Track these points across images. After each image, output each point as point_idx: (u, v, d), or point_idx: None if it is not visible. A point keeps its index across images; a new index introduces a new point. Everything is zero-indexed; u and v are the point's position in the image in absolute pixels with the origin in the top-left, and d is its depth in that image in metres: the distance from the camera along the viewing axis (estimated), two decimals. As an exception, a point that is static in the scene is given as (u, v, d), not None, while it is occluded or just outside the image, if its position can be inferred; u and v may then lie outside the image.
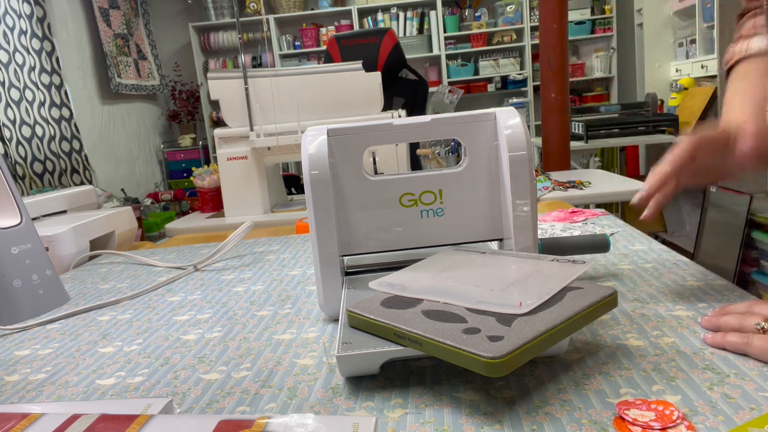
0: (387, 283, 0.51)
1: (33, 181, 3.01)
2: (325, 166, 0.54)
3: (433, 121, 0.56)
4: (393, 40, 2.16)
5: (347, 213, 0.57)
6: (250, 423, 0.32)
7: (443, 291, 0.48)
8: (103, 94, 3.97)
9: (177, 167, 4.68)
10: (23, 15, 3.11)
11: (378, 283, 0.51)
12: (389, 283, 0.51)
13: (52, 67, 3.29)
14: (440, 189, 0.56)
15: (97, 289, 0.81)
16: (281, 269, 0.82)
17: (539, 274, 0.48)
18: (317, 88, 1.47)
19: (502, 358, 0.36)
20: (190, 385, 0.47)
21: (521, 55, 4.76)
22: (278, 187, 1.66)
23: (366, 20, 4.71)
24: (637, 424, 0.35)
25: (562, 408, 0.38)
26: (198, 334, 0.59)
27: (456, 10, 4.69)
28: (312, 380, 0.46)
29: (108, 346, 0.58)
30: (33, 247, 0.74)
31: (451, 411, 0.39)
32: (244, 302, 0.68)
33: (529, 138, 0.54)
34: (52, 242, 0.93)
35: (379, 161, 1.45)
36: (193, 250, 1.00)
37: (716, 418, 0.35)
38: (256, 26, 4.75)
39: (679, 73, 3.43)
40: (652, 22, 3.60)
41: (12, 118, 2.94)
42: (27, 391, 0.49)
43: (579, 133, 2.79)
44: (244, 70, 1.44)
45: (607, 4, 4.64)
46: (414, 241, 0.58)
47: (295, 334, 0.56)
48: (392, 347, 0.43)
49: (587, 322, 0.43)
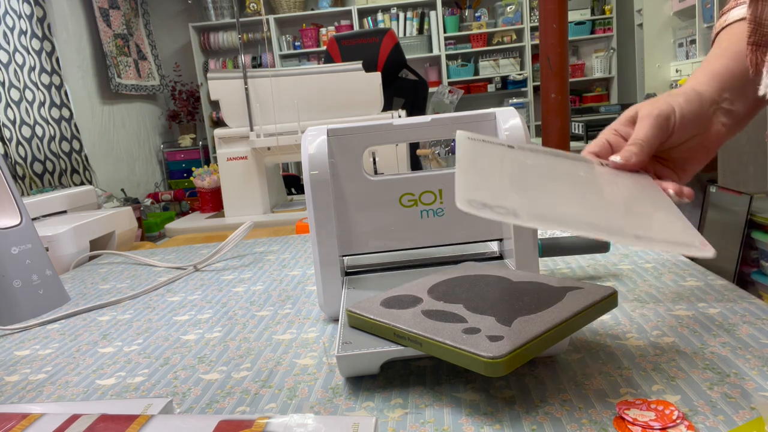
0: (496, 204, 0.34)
1: (33, 182, 3.01)
2: (325, 166, 0.54)
3: (433, 121, 0.56)
4: (393, 40, 2.16)
5: (347, 213, 0.57)
6: (250, 423, 0.32)
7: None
8: (103, 94, 3.97)
9: (177, 167, 4.68)
10: (23, 15, 3.11)
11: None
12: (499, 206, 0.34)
13: (52, 67, 3.29)
14: (440, 189, 0.56)
15: (97, 289, 0.81)
16: (281, 269, 0.82)
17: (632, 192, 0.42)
18: (317, 88, 1.47)
19: (502, 358, 0.36)
20: (190, 385, 0.47)
21: (521, 56, 4.77)
22: (278, 187, 1.66)
23: (366, 20, 4.71)
24: (637, 423, 0.35)
25: (562, 408, 0.38)
26: (198, 334, 0.59)
27: (456, 11, 4.69)
28: (312, 380, 0.46)
29: (108, 346, 0.58)
30: (33, 247, 0.74)
31: (451, 411, 0.39)
32: (244, 302, 0.68)
33: (529, 138, 0.54)
34: (52, 242, 0.93)
35: (379, 161, 1.45)
36: (193, 250, 1.00)
37: (716, 418, 0.35)
38: (256, 26, 4.75)
39: (679, 74, 3.43)
40: (652, 22, 3.60)
41: (12, 118, 2.94)
42: (27, 391, 0.49)
43: (579, 134, 2.79)
44: (244, 70, 1.44)
45: (607, 4, 4.64)
46: (414, 241, 0.58)
47: (295, 334, 0.56)
48: (392, 347, 0.43)
49: (587, 322, 0.43)
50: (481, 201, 0.33)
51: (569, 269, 0.69)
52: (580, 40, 4.74)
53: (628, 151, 0.48)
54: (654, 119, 0.49)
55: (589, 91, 4.81)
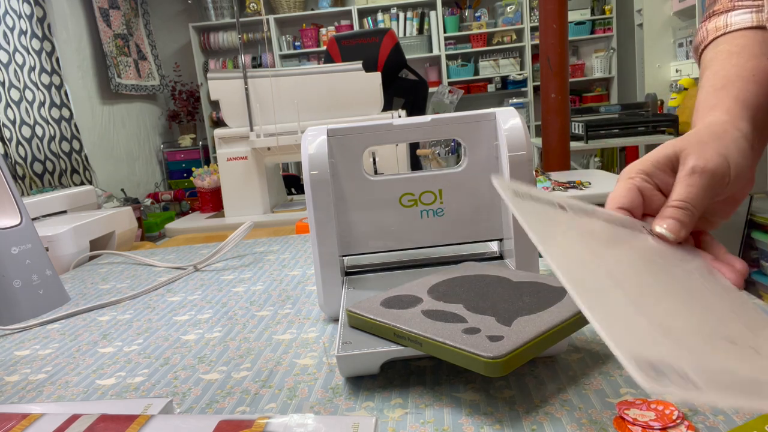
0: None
1: (33, 182, 3.01)
2: (325, 166, 0.54)
3: (433, 121, 0.56)
4: (393, 40, 2.16)
5: (347, 213, 0.57)
6: (250, 423, 0.32)
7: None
8: (103, 94, 3.97)
9: (177, 167, 4.68)
10: (23, 15, 3.11)
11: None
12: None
13: (52, 67, 3.29)
14: (440, 189, 0.56)
15: (97, 289, 0.81)
16: (281, 269, 0.82)
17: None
18: (317, 88, 1.47)
19: (502, 358, 0.36)
20: (190, 385, 0.47)
21: (521, 56, 4.76)
22: (278, 187, 1.66)
23: (366, 20, 4.71)
24: (637, 423, 0.35)
25: (562, 408, 0.38)
26: (198, 334, 0.59)
27: (456, 11, 4.69)
28: (312, 380, 0.46)
29: (108, 346, 0.58)
30: (33, 247, 0.74)
31: (451, 411, 0.39)
32: (244, 302, 0.68)
33: (529, 138, 0.54)
34: (52, 242, 0.93)
35: (379, 161, 1.45)
36: (193, 250, 1.00)
37: (716, 418, 0.35)
38: (256, 26, 4.75)
39: (679, 74, 3.43)
40: (652, 22, 3.60)
41: (12, 118, 2.94)
42: (27, 391, 0.49)
43: (579, 134, 2.79)
44: (244, 70, 1.44)
45: (607, 4, 4.64)
46: (414, 242, 0.58)
47: (295, 334, 0.56)
48: (392, 347, 0.43)
49: (587, 322, 0.43)
50: (648, 359, 0.24)
51: (569, 269, 0.69)
52: (580, 40, 4.74)
53: (676, 222, 0.38)
54: (708, 179, 0.38)
55: (589, 91, 4.81)
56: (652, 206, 0.40)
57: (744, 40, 0.51)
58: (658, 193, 0.40)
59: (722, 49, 0.52)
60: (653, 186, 0.40)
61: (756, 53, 0.49)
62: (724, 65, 0.49)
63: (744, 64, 0.48)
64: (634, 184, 0.39)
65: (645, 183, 0.40)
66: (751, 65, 0.48)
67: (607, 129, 2.80)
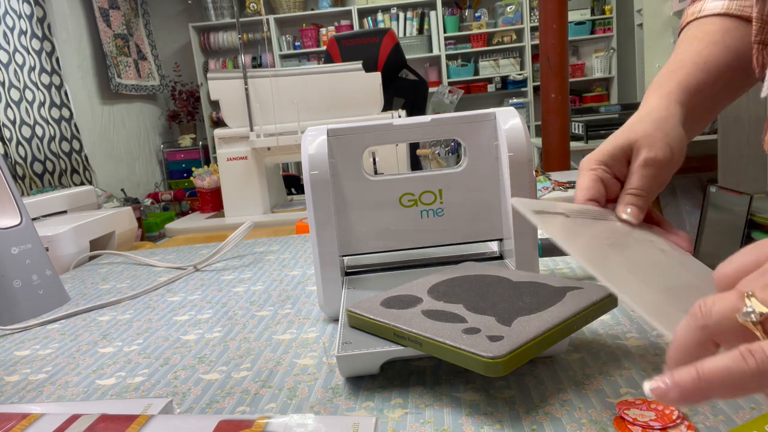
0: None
1: (33, 182, 3.01)
2: (325, 166, 0.54)
3: (433, 121, 0.56)
4: (393, 40, 2.16)
5: (347, 213, 0.57)
6: (250, 423, 0.32)
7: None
8: (103, 94, 3.97)
9: (177, 167, 4.68)
10: (23, 15, 3.11)
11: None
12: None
13: (52, 67, 3.29)
14: (440, 189, 0.56)
15: (97, 289, 0.81)
16: (281, 269, 0.82)
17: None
18: (317, 88, 1.47)
19: (502, 358, 0.36)
20: (190, 385, 0.47)
21: (521, 56, 4.76)
22: (278, 187, 1.66)
23: (366, 20, 4.71)
24: (637, 423, 0.35)
25: (562, 408, 0.38)
26: (198, 334, 0.59)
27: (456, 11, 4.69)
28: (312, 380, 0.46)
29: (108, 346, 0.58)
30: (33, 247, 0.74)
31: (451, 411, 0.39)
32: (244, 302, 0.68)
33: (529, 138, 0.54)
34: (52, 242, 0.93)
35: (379, 161, 1.45)
36: (193, 250, 1.00)
37: (716, 418, 0.35)
38: (256, 26, 4.75)
39: (679, 74, 3.42)
40: (652, 22, 3.60)
41: (12, 118, 2.94)
42: (27, 391, 0.49)
43: (579, 134, 2.79)
44: (244, 70, 1.44)
45: (607, 5, 4.64)
46: (414, 242, 0.58)
47: (295, 334, 0.56)
48: (392, 347, 0.43)
49: (587, 322, 0.43)
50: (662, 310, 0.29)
51: (569, 269, 0.69)
52: (580, 40, 4.73)
53: (635, 207, 0.43)
54: (658, 169, 0.44)
55: (589, 91, 4.81)
56: (611, 193, 0.46)
57: (710, 27, 0.54)
58: (615, 181, 0.46)
59: (690, 33, 0.56)
60: (611, 175, 0.46)
61: (716, 41, 0.53)
62: (684, 49, 0.54)
63: (701, 51, 0.52)
64: (597, 175, 0.45)
65: (605, 174, 0.46)
66: (707, 52, 0.52)
67: (607, 129, 2.80)
